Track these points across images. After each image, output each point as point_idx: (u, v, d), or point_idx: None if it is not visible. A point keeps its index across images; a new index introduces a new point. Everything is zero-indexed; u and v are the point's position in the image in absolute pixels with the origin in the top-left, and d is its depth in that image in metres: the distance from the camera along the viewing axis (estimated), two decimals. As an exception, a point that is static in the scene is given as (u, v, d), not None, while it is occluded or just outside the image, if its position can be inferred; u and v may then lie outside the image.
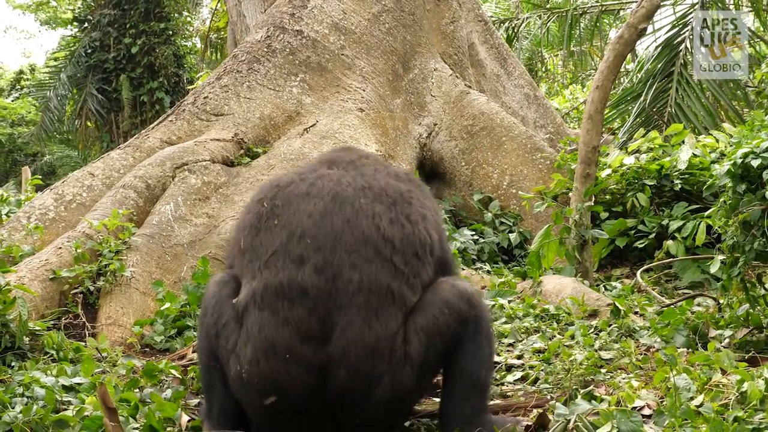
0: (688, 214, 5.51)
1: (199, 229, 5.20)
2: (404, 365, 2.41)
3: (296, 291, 2.39)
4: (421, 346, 2.44)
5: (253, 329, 2.40)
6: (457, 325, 2.49)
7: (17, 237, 4.96)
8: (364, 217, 2.49)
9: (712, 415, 2.34)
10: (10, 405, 2.67)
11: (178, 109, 6.56)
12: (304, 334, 2.35)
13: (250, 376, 2.39)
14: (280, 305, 2.38)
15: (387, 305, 2.41)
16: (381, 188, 2.60)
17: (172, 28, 16.87)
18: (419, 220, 2.58)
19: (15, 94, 23.58)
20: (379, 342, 2.36)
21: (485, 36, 9.10)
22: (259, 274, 2.46)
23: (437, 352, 2.48)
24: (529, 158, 6.96)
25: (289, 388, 2.36)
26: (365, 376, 2.36)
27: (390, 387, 2.39)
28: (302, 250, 2.44)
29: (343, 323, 2.36)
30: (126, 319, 4.37)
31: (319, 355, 2.35)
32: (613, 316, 3.94)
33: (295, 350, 2.35)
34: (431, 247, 2.60)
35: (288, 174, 2.74)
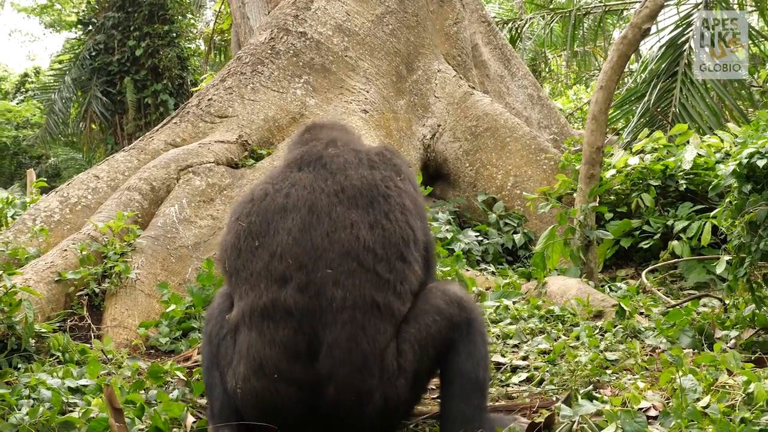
0: (693, 215, 5.50)
1: (204, 231, 5.21)
2: (397, 378, 2.41)
3: (281, 311, 2.39)
4: (415, 356, 2.44)
5: (243, 348, 2.43)
6: (448, 330, 2.49)
7: (23, 239, 4.97)
8: (342, 229, 2.45)
9: (718, 417, 2.34)
10: (17, 407, 2.68)
11: (183, 111, 6.57)
12: (291, 354, 2.36)
13: (243, 393, 2.43)
14: (266, 326, 2.39)
15: (374, 319, 2.39)
16: (355, 187, 2.54)
17: (176, 30, 16.90)
18: (399, 214, 2.53)
19: (20, 97, 23.63)
20: (366, 359, 2.35)
21: (489, 37, 9.10)
22: (245, 295, 2.47)
23: (430, 359, 2.49)
24: (534, 159, 6.95)
25: (280, 405, 2.39)
26: (355, 392, 2.36)
27: (382, 401, 2.39)
28: (284, 270, 2.42)
29: (330, 341, 2.35)
30: (131, 321, 4.38)
31: (308, 374, 2.36)
32: (619, 316, 3.93)
33: (283, 369, 2.36)
34: (415, 240, 2.56)
35: (261, 184, 2.67)
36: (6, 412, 2.63)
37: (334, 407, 2.38)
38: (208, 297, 4.55)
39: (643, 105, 8.28)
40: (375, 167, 2.64)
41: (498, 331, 4.00)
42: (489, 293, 4.83)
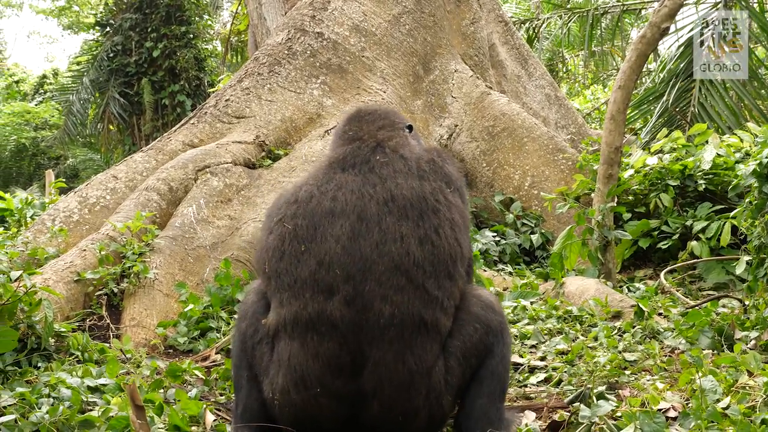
0: (712, 215, 5.46)
1: (222, 231, 5.23)
2: (444, 396, 2.38)
3: (326, 324, 2.31)
4: (461, 369, 2.41)
5: (283, 358, 2.36)
6: (487, 336, 2.46)
7: (42, 239, 5.01)
8: (393, 241, 2.37)
9: (739, 418, 2.32)
10: (37, 405, 2.70)
11: (200, 111, 6.59)
12: (334, 368, 2.30)
13: (281, 405, 2.38)
14: (309, 338, 2.32)
15: (421, 338, 2.33)
16: (405, 198, 2.44)
17: (193, 31, 16.97)
18: (448, 230, 2.46)
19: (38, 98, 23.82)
20: (413, 378, 2.31)
21: (506, 37, 9.08)
22: (287, 303, 2.38)
23: (472, 368, 2.46)
24: (551, 159, 6.93)
25: (321, 418, 2.34)
26: (400, 411, 2.32)
27: (426, 419, 2.36)
28: (331, 280, 2.34)
29: (376, 358, 2.30)
30: (149, 321, 4.40)
31: (351, 389, 2.31)
32: (637, 317, 3.91)
33: (326, 383, 2.31)
34: (462, 257, 2.50)
35: (304, 185, 2.56)
36: (26, 410, 2.65)
37: (377, 424, 2.34)
38: (226, 297, 4.58)
39: (661, 105, 8.23)
40: (425, 177, 2.55)
41: (516, 332, 4.00)
42: (506, 294, 4.82)
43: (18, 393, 2.73)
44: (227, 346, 4.08)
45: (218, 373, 3.48)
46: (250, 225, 5.22)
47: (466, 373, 2.44)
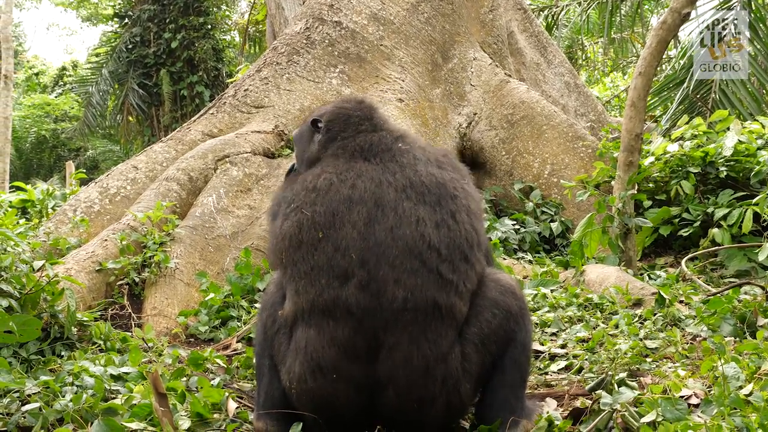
0: (734, 202, 5.41)
1: (242, 221, 5.25)
2: (462, 384, 2.36)
3: (341, 310, 2.31)
4: (479, 357, 2.39)
5: (300, 345, 2.36)
6: (507, 322, 2.43)
7: (64, 230, 5.05)
8: (408, 225, 2.36)
9: (762, 404, 2.30)
10: (61, 394, 2.73)
11: (219, 101, 6.61)
12: (350, 354, 2.30)
13: (299, 393, 2.38)
14: (326, 324, 2.32)
15: (435, 323, 2.32)
16: (423, 185, 2.45)
17: (211, 22, 17.02)
18: (465, 216, 2.45)
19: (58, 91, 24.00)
20: (428, 364, 2.29)
21: (524, 24, 9.03)
22: (303, 291, 2.37)
23: (492, 356, 2.43)
24: (571, 147, 6.89)
25: (338, 405, 2.34)
26: (416, 398, 2.31)
27: (444, 407, 2.34)
28: (347, 266, 2.33)
29: (390, 343, 2.29)
30: (171, 310, 4.43)
31: (367, 376, 2.30)
32: (658, 305, 3.89)
33: (341, 370, 2.30)
34: (479, 243, 2.48)
35: (323, 173, 2.52)
36: (50, 398, 2.68)
37: (393, 411, 2.33)
38: (246, 286, 4.60)
39: (682, 91, 8.16)
40: (443, 167, 2.56)
41: (536, 320, 3.99)
42: (527, 282, 4.80)
43: (42, 381, 2.76)
44: (248, 334, 4.10)
45: (239, 361, 3.50)
46: (269, 214, 5.23)
47: (486, 361, 2.41)
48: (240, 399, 2.96)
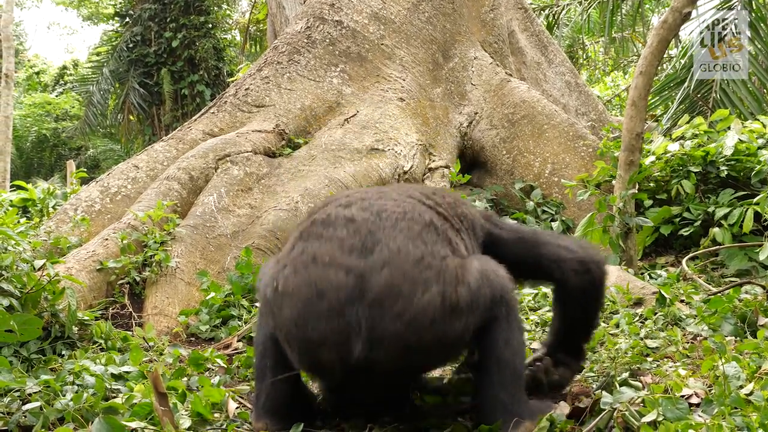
0: (734, 201, 5.41)
1: (242, 220, 5.25)
2: (459, 285, 2.31)
3: (341, 219, 2.43)
4: (476, 284, 2.35)
5: (295, 253, 2.40)
6: (492, 303, 2.38)
7: (65, 229, 5.06)
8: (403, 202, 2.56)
9: (762, 404, 2.30)
10: (62, 393, 2.73)
11: (220, 101, 6.61)
12: (346, 248, 2.34)
13: (285, 288, 2.33)
14: (324, 230, 2.41)
15: (431, 235, 2.41)
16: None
17: (211, 21, 17.02)
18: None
19: (59, 90, 24.01)
20: (424, 255, 2.33)
21: (525, 23, 9.03)
22: (308, 212, 2.60)
23: (476, 319, 2.36)
24: (571, 146, 6.89)
25: (326, 289, 2.27)
26: (410, 278, 2.27)
27: (440, 297, 2.27)
28: (350, 199, 2.55)
29: (387, 240, 2.35)
30: (171, 309, 4.43)
31: (361, 264, 2.30)
32: (659, 304, 3.89)
33: (335, 259, 2.31)
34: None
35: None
36: (51, 397, 2.68)
37: (383, 293, 2.24)
38: (247, 285, 4.60)
39: (682, 91, 8.15)
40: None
41: (537, 319, 3.98)
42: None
43: (42, 380, 2.76)
44: (249, 333, 4.10)
45: (240, 360, 3.50)
46: (270, 213, 5.23)
47: (474, 310, 2.34)
48: (241, 398, 2.96)
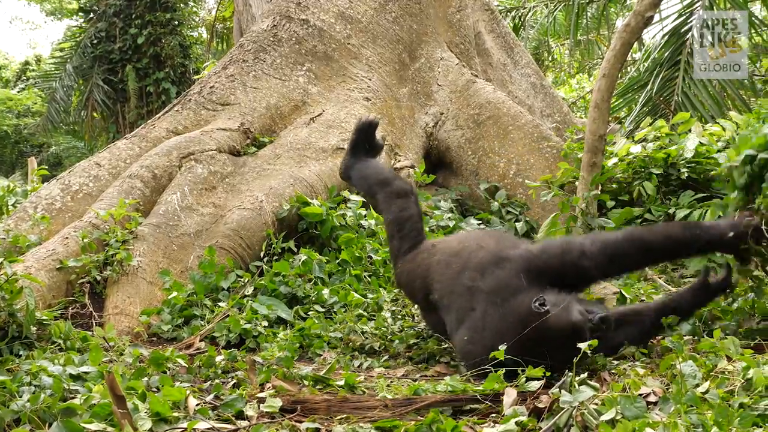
0: (694, 203, 5.48)
1: (206, 219, 5.21)
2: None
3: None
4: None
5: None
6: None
7: (24, 227, 4.98)
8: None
9: (717, 402, 2.34)
10: (18, 394, 2.69)
11: (184, 99, 6.56)
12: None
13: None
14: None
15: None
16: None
17: (178, 18, 16.87)
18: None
19: (21, 85, 23.64)
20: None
21: (492, 25, 9.08)
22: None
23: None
24: (536, 147, 6.94)
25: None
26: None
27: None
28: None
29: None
30: (133, 309, 4.39)
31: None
32: (620, 304, 3.94)
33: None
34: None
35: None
36: (7, 399, 2.64)
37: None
38: (210, 285, 4.57)
39: (645, 94, 8.24)
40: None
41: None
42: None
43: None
44: (211, 333, 4.08)
45: (202, 360, 3.48)
46: (234, 212, 5.20)
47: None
48: (201, 397, 2.94)
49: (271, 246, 5.05)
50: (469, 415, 2.66)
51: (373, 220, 5.56)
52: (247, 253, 5.04)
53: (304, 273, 4.76)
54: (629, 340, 3.25)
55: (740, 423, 2.17)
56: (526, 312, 2.96)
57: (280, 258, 5.02)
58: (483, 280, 3.19)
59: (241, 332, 4.05)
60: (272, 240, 5.06)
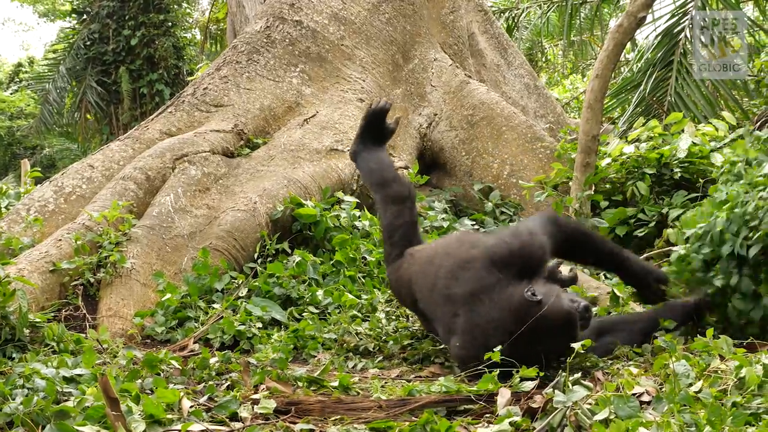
0: (687, 203, 5.50)
1: (200, 221, 5.20)
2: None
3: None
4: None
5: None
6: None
7: (17, 229, 4.97)
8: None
9: (710, 401, 2.35)
10: (11, 397, 2.68)
11: (178, 100, 6.55)
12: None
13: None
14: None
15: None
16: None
17: (171, 19, 16.83)
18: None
19: (14, 87, 23.54)
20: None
21: (485, 26, 9.08)
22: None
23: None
24: (530, 148, 6.95)
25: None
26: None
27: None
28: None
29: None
30: (126, 311, 4.38)
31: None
32: (613, 303, 3.94)
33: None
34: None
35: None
36: (0, 401, 2.63)
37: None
38: (204, 286, 4.56)
39: (638, 94, 8.26)
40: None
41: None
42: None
43: (-8, 384, 2.71)
44: (205, 335, 4.08)
45: (195, 362, 3.47)
46: (228, 214, 5.20)
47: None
48: (195, 399, 2.93)
49: (265, 247, 5.05)
50: (464, 416, 2.67)
51: (368, 221, 5.56)
52: (241, 254, 5.03)
53: (298, 274, 4.76)
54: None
55: (733, 422, 2.18)
56: (519, 303, 2.98)
57: (274, 259, 5.02)
58: (457, 285, 3.21)
59: (235, 334, 4.04)
60: (266, 241, 5.06)
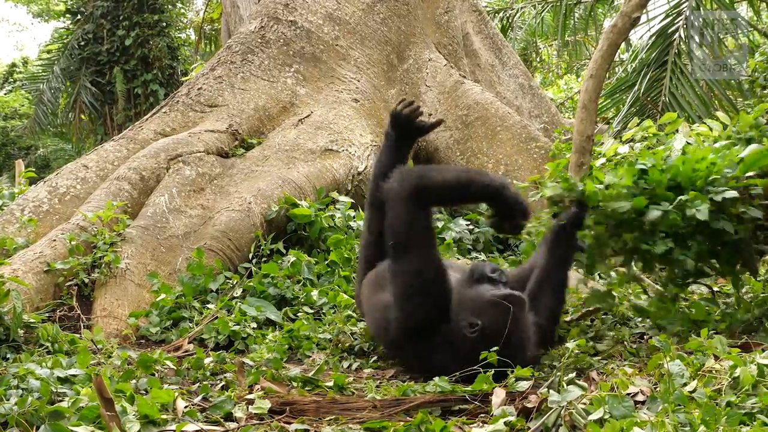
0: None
1: (194, 221, 5.20)
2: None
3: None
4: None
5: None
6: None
7: (11, 230, 4.96)
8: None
9: (704, 401, 2.35)
10: (5, 397, 2.67)
11: (172, 100, 6.54)
12: None
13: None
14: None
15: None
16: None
17: (165, 19, 16.82)
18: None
19: (8, 87, 23.49)
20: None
21: (480, 26, 9.09)
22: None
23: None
24: (524, 148, 6.95)
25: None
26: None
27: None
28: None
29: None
30: (121, 311, 4.37)
31: None
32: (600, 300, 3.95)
33: None
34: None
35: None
36: (-6, 401, 2.62)
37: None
38: (199, 286, 4.56)
39: (633, 94, 8.26)
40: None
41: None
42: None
43: (-15, 384, 2.70)
44: (200, 335, 4.07)
45: (190, 362, 3.47)
46: (222, 214, 5.19)
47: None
48: (189, 399, 2.93)
49: (260, 247, 5.05)
50: (458, 416, 2.67)
51: (362, 222, 5.55)
52: (235, 254, 5.03)
53: (293, 274, 4.76)
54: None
55: (727, 421, 2.18)
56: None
57: (268, 259, 5.01)
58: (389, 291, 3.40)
59: (229, 334, 4.04)
60: (261, 241, 5.06)
